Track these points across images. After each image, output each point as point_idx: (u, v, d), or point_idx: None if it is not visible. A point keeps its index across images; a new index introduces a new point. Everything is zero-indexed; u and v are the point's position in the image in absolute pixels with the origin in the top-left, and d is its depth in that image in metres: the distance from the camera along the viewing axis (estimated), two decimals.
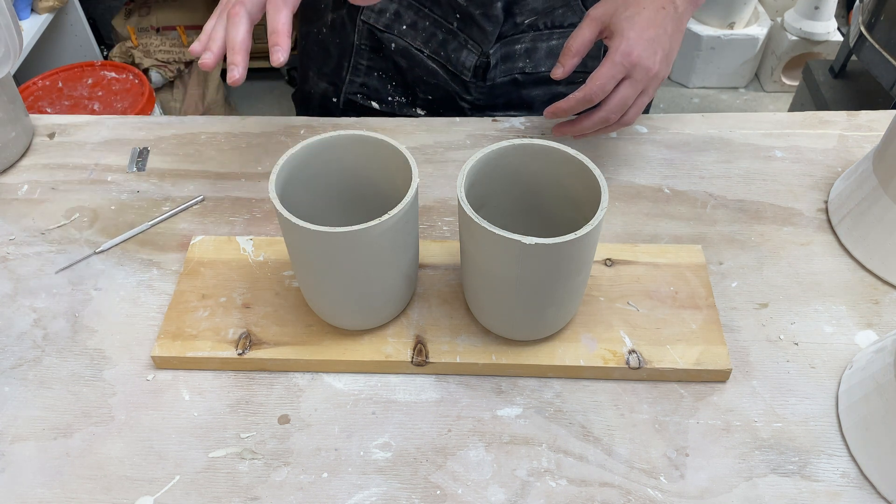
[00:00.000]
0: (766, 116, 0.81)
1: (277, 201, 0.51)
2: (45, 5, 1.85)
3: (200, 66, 0.58)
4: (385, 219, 0.50)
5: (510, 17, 0.76)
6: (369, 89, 0.85)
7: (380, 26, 0.79)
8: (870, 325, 0.61)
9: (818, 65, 1.87)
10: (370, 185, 0.59)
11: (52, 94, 1.75)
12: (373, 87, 0.85)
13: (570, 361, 0.57)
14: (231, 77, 0.57)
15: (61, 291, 0.65)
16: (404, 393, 0.57)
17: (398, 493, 0.52)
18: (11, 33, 0.73)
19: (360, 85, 0.84)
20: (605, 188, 0.51)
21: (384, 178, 0.57)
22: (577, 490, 0.51)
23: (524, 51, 0.78)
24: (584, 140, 0.78)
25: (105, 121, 0.83)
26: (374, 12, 0.79)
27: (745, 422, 0.55)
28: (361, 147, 0.56)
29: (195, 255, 0.65)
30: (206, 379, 0.58)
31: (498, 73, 0.80)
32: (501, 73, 0.80)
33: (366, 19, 0.80)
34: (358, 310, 0.57)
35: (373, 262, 0.52)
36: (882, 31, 1.52)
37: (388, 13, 0.78)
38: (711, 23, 2.36)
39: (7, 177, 0.76)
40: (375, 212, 0.51)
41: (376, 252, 0.52)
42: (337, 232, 0.49)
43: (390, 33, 0.79)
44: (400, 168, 0.54)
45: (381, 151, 0.56)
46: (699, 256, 0.64)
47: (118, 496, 0.52)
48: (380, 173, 0.57)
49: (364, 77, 0.84)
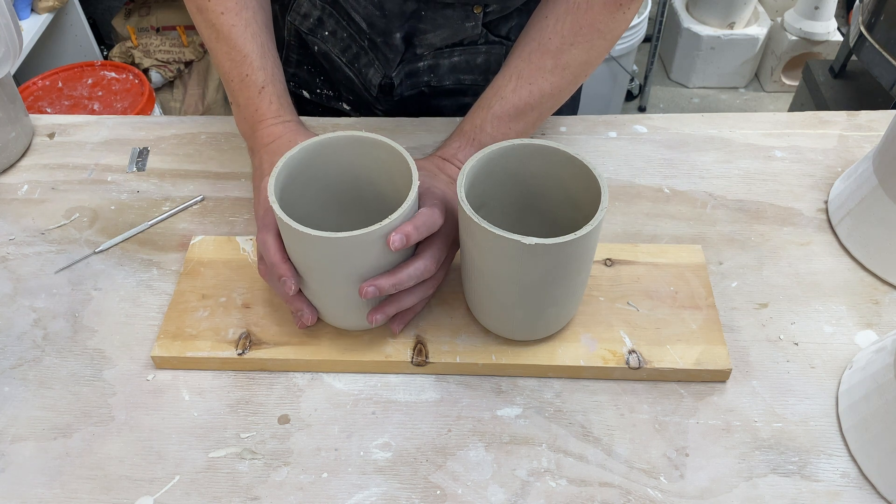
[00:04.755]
0: (766, 116, 0.81)
1: (277, 206, 0.51)
2: (45, 5, 1.85)
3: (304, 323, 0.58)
4: (386, 223, 0.49)
5: (410, 48, 0.77)
6: (300, 80, 0.87)
7: (304, 29, 0.81)
8: (870, 325, 0.61)
9: (818, 65, 1.87)
10: (370, 186, 0.59)
11: (52, 94, 1.75)
12: (303, 78, 0.87)
13: (570, 361, 0.57)
14: (302, 322, 0.57)
15: (61, 291, 0.65)
16: (404, 393, 0.57)
17: (398, 493, 0.52)
18: (11, 33, 0.73)
19: (292, 74, 0.87)
20: (605, 188, 0.51)
21: (384, 179, 0.57)
22: (577, 490, 0.51)
23: (427, 67, 0.79)
24: (584, 140, 0.78)
25: (105, 121, 0.83)
26: (299, 15, 0.80)
27: (745, 422, 0.55)
28: (360, 148, 0.56)
29: (195, 255, 0.65)
30: (206, 379, 0.58)
31: (404, 89, 0.81)
32: (407, 88, 0.81)
33: (292, 20, 0.81)
34: (359, 312, 0.56)
35: (373, 265, 0.52)
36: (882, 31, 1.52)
37: (312, 18, 0.80)
38: (711, 23, 2.36)
39: (7, 177, 0.76)
40: (375, 212, 0.51)
41: (377, 256, 0.52)
42: (338, 237, 0.49)
43: (313, 37, 0.81)
44: (399, 169, 0.54)
45: (380, 152, 0.56)
46: (699, 256, 0.64)
47: (118, 496, 0.52)
48: (379, 174, 0.57)
49: (295, 68, 0.87)
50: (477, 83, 0.80)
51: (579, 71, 0.64)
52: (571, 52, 0.62)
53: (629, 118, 0.80)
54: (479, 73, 0.80)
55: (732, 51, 2.37)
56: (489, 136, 0.63)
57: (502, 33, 0.77)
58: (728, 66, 2.42)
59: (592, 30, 0.62)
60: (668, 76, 2.54)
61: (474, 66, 0.79)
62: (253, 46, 0.64)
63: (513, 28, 0.77)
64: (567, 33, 0.62)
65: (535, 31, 0.63)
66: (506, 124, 0.63)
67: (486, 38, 0.77)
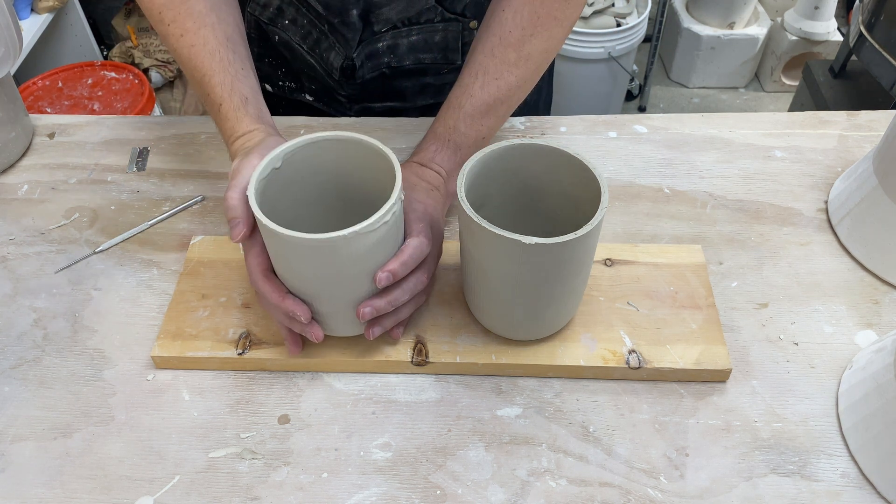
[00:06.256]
0: (766, 116, 0.81)
1: (257, 208, 0.50)
2: (45, 5, 1.85)
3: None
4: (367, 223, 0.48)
5: (368, 26, 0.78)
6: (262, 73, 0.88)
7: (264, 19, 0.82)
8: (870, 325, 0.61)
9: (818, 65, 1.87)
10: (358, 187, 0.58)
11: (52, 94, 1.75)
12: (265, 71, 0.87)
13: (570, 361, 0.57)
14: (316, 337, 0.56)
15: (61, 291, 0.65)
16: (404, 393, 0.57)
17: (398, 493, 0.52)
18: (11, 33, 0.73)
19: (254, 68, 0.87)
20: (605, 188, 0.51)
21: (371, 181, 0.56)
22: (577, 490, 0.51)
23: (386, 48, 0.80)
24: (584, 140, 0.78)
25: (105, 121, 0.83)
26: (259, 5, 0.81)
27: (745, 422, 0.55)
28: (344, 149, 0.55)
29: (195, 255, 0.65)
30: (206, 379, 0.58)
31: (366, 71, 0.82)
32: (369, 70, 0.82)
33: (252, 11, 0.82)
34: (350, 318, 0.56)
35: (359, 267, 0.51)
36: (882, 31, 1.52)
37: (272, 8, 0.80)
38: (711, 23, 2.36)
39: (7, 177, 0.76)
40: (366, 215, 0.50)
41: (361, 257, 0.51)
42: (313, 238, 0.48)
43: (274, 26, 0.82)
44: (385, 170, 0.53)
45: (363, 153, 0.55)
46: (699, 256, 0.64)
47: (118, 496, 0.52)
48: (366, 175, 0.56)
49: (256, 62, 0.87)
50: (437, 61, 0.81)
51: (541, 60, 0.65)
52: (532, 42, 0.63)
53: (629, 118, 0.80)
54: (437, 52, 0.80)
55: (732, 51, 2.37)
56: (462, 136, 0.64)
57: (458, 10, 0.78)
58: (728, 66, 2.42)
59: (550, 18, 0.63)
60: (668, 76, 2.54)
61: (433, 44, 0.80)
62: (211, 63, 0.63)
63: (468, 5, 0.78)
64: (527, 24, 0.63)
65: (494, 25, 0.64)
66: (478, 121, 0.64)
67: (442, 15, 0.78)
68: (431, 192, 0.61)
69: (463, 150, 0.64)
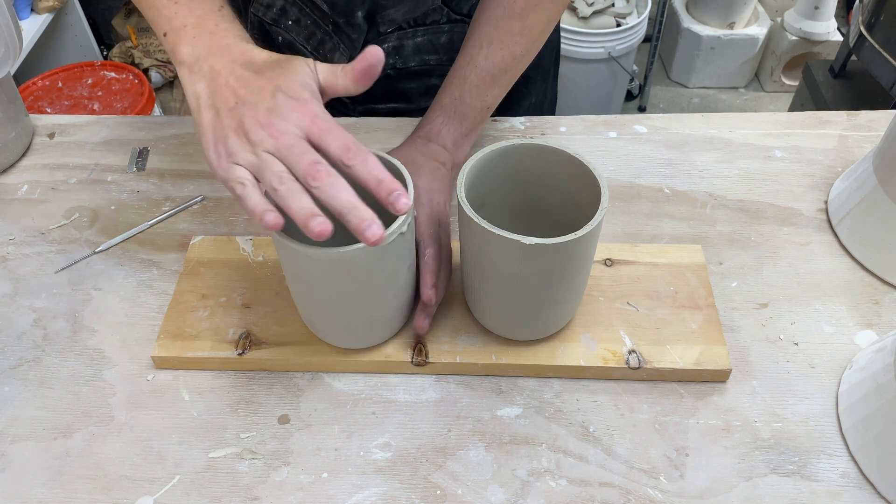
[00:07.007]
0: (766, 116, 0.81)
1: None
2: (45, 5, 1.85)
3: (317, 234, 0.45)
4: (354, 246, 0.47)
5: (373, 27, 0.78)
6: None
7: (267, 20, 0.81)
8: (870, 325, 0.61)
9: (818, 65, 1.87)
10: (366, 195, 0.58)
11: (52, 94, 1.75)
12: None
13: (570, 361, 0.57)
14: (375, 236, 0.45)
15: (61, 291, 0.65)
16: (404, 393, 0.57)
17: (398, 493, 0.52)
18: (11, 33, 0.73)
19: None
20: (605, 188, 0.51)
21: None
22: (577, 490, 0.51)
23: (391, 48, 0.79)
24: (584, 140, 0.78)
25: (105, 121, 0.83)
26: (262, 6, 0.80)
27: (744, 422, 0.55)
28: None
29: (195, 255, 0.65)
30: (206, 379, 0.58)
31: None
32: None
33: (255, 12, 0.81)
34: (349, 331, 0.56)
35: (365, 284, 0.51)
36: (882, 31, 1.52)
37: (275, 8, 0.80)
38: (711, 23, 2.36)
39: (7, 177, 0.76)
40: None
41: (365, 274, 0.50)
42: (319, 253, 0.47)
43: (277, 27, 0.81)
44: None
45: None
46: (699, 256, 0.64)
47: (118, 496, 0.52)
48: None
49: None
50: (442, 63, 0.81)
51: (543, 30, 0.66)
52: (536, 12, 0.64)
53: (629, 118, 0.80)
54: (443, 53, 0.80)
55: (732, 51, 2.37)
56: (468, 107, 0.64)
57: (464, 11, 0.78)
58: (728, 66, 2.42)
59: None
60: (668, 76, 2.54)
61: (438, 45, 0.80)
62: None
63: (474, 6, 0.78)
64: None
65: None
66: (483, 91, 0.65)
67: (448, 16, 0.78)
68: (438, 170, 0.62)
69: (469, 120, 0.65)
